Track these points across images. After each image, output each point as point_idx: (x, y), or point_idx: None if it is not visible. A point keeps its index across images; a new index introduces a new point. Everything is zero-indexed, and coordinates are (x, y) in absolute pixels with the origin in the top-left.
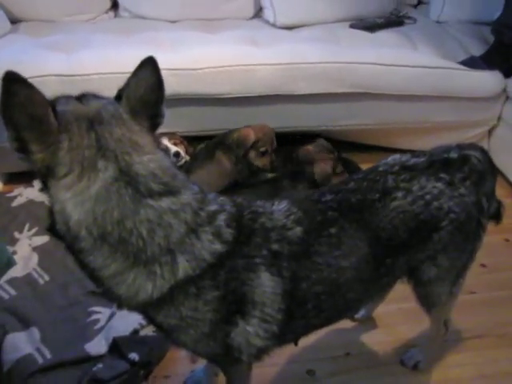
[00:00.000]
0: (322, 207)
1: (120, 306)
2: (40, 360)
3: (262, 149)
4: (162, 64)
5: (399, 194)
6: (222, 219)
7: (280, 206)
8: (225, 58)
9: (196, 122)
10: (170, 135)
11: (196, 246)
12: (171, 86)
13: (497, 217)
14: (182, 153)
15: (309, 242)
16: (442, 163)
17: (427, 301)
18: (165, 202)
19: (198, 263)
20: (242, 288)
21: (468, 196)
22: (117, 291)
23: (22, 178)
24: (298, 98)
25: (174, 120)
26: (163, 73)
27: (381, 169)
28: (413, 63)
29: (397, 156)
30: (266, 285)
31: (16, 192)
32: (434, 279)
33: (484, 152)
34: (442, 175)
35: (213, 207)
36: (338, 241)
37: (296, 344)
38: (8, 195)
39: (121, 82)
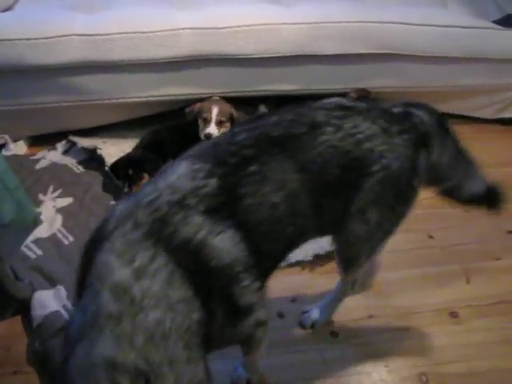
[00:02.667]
0: (235, 148)
1: None
2: (66, 316)
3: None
4: (184, 23)
5: (329, 129)
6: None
7: (179, 172)
8: (248, 17)
9: (219, 84)
10: (222, 104)
11: None
12: (194, 45)
13: (492, 202)
14: (215, 135)
15: (230, 188)
16: (383, 112)
17: (346, 262)
18: None
19: None
20: (210, 265)
21: (403, 147)
22: None
23: (45, 141)
24: (322, 59)
25: (198, 81)
26: (186, 32)
27: (314, 105)
28: (442, 22)
29: (339, 98)
30: (225, 248)
31: (40, 155)
32: (360, 239)
33: (433, 114)
34: (380, 121)
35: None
36: (262, 177)
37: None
38: (32, 158)
39: (143, 41)
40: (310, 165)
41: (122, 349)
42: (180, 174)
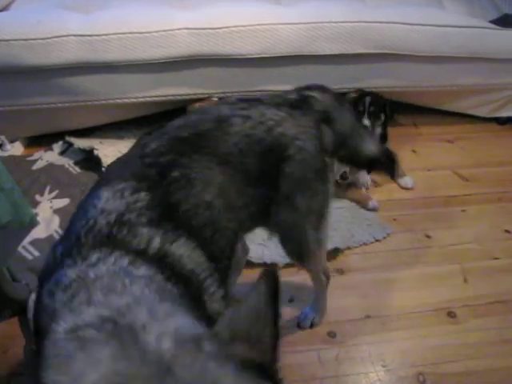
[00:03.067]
0: (150, 159)
1: None
2: None
3: None
4: (181, 23)
5: (237, 120)
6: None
7: (104, 197)
8: (246, 17)
9: (217, 84)
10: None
11: None
12: (191, 45)
13: (387, 164)
14: None
15: (162, 199)
16: (283, 100)
17: (294, 254)
18: None
19: None
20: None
21: (310, 128)
22: None
23: (42, 141)
24: (320, 59)
25: (194, 82)
26: (183, 33)
27: (217, 104)
28: (440, 22)
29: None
30: (185, 254)
31: (36, 155)
32: (294, 226)
33: (327, 91)
34: (283, 108)
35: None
36: (188, 180)
37: None
38: (28, 158)
39: (140, 41)
40: (228, 157)
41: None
42: (106, 197)
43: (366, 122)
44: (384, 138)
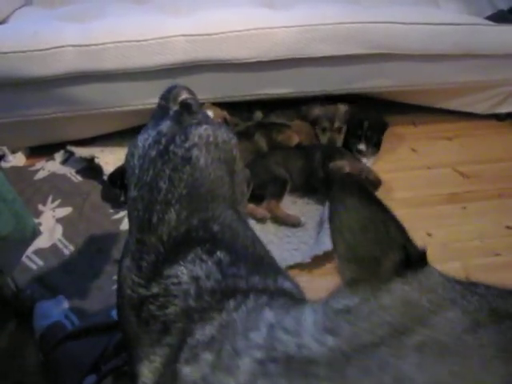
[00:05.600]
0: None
1: None
2: (69, 326)
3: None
4: (176, 30)
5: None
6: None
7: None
8: (242, 21)
9: (213, 89)
10: (215, 109)
11: None
12: (187, 52)
13: None
14: None
15: None
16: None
17: None
18: None
19: None
20: None
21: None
22: None
23: (43, 151)
24: (317, 61)
25: (192, 88)
26: (179, 39)
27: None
28: (435, 20)
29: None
30: None
31: (38, 165)
32: None
33: (186, 89)
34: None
35: None
36: None
37: None
38: (30, 169)
39: (137, 50)
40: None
41: None
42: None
43: (362, 147)
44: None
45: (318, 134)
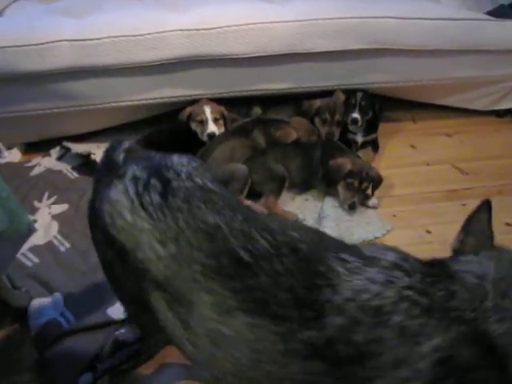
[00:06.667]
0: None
1: None
2: (64, 324)
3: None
4: (174, 25)
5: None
6: None
7: None
8: (239, 16)
9: (212, 85)
10: (212, 105)
11: None
12: (184, 47)
13: None
14: (217, 132)
15: None
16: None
17: None
18: None
19: None
20: None
21: None
22: None
23: (39, 147)
24: (315, 56)
25: (190, 83)
26: (176, 34)
27: None
28: (435, 15)
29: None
30: None
31: (34, 161)
32: None
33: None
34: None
35: None
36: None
37: None
38: (26, 165)
39: (133, 44)
40: None
41: None
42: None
43: (356, 115)
44: (375, 147)
45: (317, 126)
